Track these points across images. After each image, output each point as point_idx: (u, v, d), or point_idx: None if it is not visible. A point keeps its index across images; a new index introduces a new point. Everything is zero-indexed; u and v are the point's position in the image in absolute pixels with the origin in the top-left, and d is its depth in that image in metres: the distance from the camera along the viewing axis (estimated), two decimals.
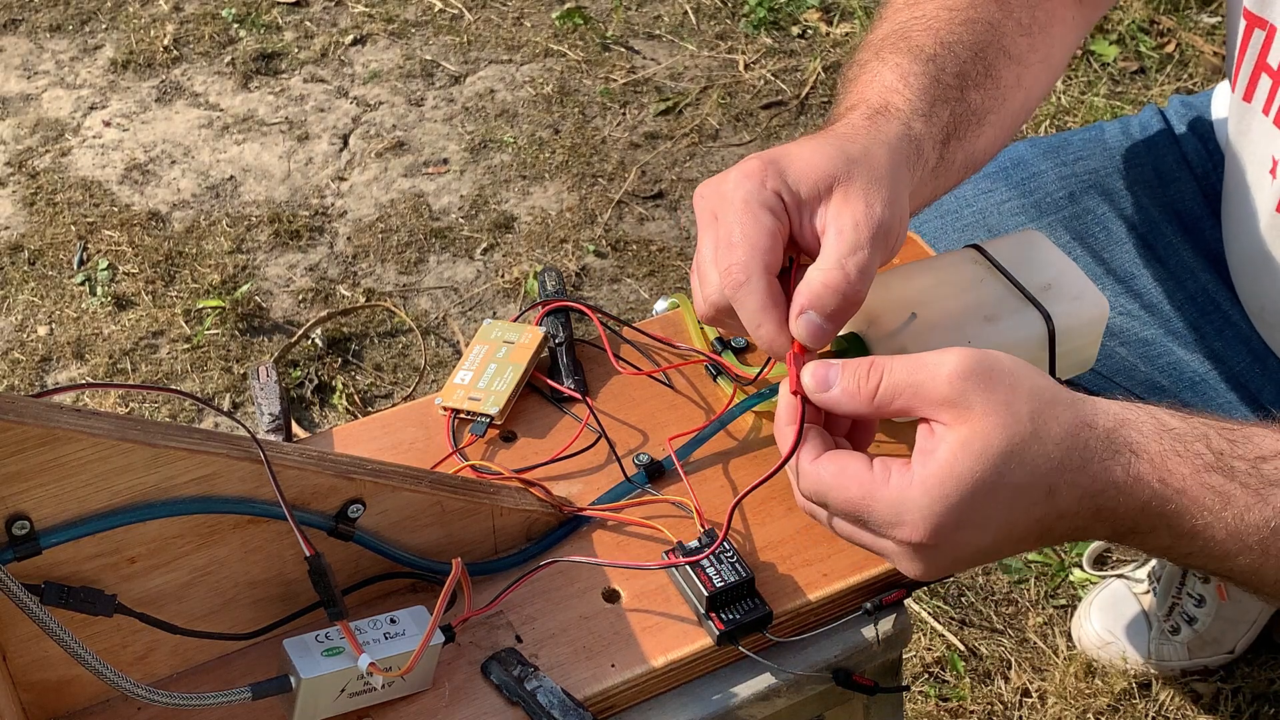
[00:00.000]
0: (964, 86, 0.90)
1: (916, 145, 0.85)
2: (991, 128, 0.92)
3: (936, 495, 0.70)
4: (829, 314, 0.77)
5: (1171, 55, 2.54)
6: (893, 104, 0.86)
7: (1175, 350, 1.17)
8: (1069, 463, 0.70)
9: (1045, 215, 1.21)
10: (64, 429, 0.67)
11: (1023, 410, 0.70)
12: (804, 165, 0.80)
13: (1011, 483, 0.70)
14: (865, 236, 0.78)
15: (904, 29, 0.93)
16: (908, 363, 0.73)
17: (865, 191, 0.79)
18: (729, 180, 0.81)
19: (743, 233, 0.78)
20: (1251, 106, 1.06)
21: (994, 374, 0.71)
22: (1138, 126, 1.26)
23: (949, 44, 0.91)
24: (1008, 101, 0.93)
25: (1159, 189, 1.22)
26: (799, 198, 0.80)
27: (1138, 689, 1.62)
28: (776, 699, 0.81)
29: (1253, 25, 1.05)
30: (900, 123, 0.85)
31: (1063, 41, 1.00)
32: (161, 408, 1.99)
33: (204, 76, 2.57)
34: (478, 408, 0.90)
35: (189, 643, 0.77)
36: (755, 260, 0.78)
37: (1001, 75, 0.93)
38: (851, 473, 0.72)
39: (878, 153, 0.81)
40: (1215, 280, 1.18)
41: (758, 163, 0.80)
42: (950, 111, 0.88)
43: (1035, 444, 0.70)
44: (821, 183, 0.79)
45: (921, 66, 0.89)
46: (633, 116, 2.46)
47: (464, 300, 2.16)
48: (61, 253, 2.24)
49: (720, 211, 0.80)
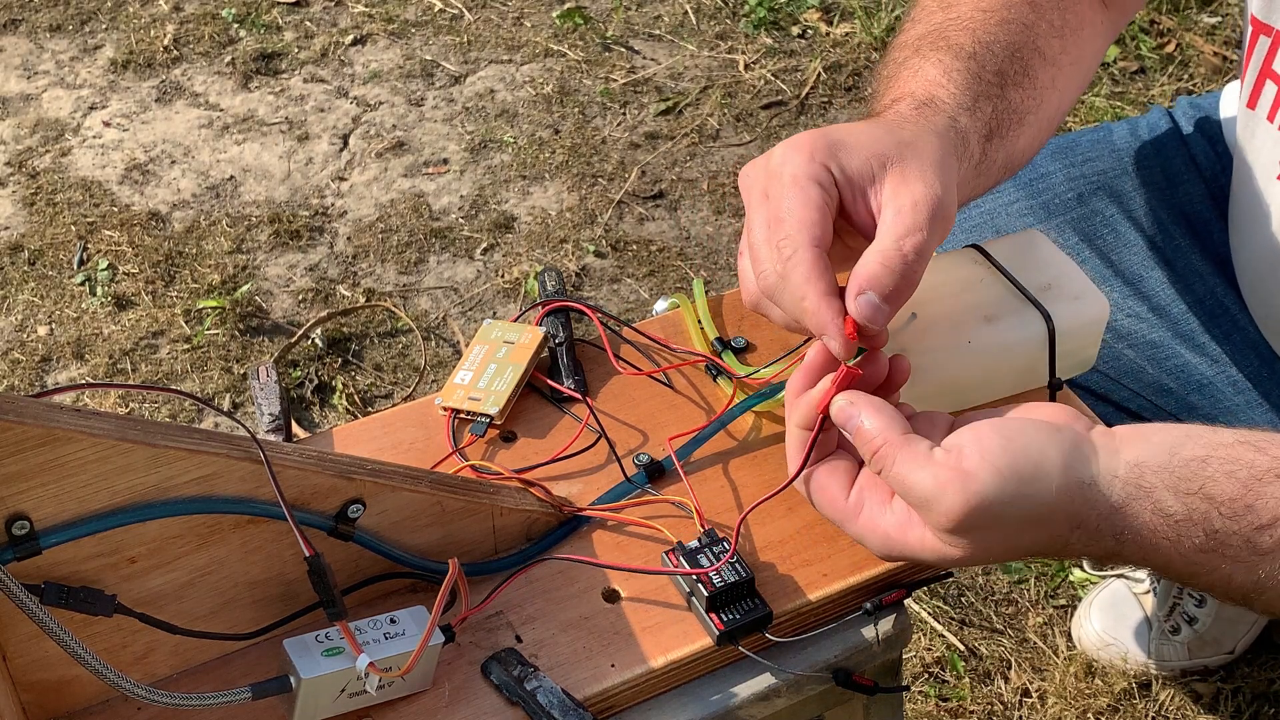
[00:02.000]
0: (1004, 85, 0.89)
1: (963, 138, 0.84)
2: (1030, 128, 0.92)
3: (898, 536, 0.75)
4: (887, 294, 0.76)
5: (1172, 55, 2.54)
6: (938, 97, 0.86)
7: (1183, 353, 1.17)
8: (1053, 549, 0.74)
9: (1054, 216, 1.21)
10: (64, 429, 0.67)
11: (1016, 513, 0.71)
12: (856, 142, 0.79)
13: (991, 538, 0.73)
14: (924, 218, 0.76)
15: (940, 29, 0.92)
16: (914, 468, 0.72)
17: (921, 172, 0.78)
18: (776, 155, 0.79)
19: (790, 208, 0.77)
20: (1256, 113, 1.06)
21: (986, 519, 0.71)
22: (1146, 128, 1.26)
23: (986, 43, 0.91)
24: (1045, 102, 0.93)
25: (1167, 191, 1.22)
26: (849, 174, 0.78)
27: (1138, 689, 1.62)
28: (776, 699, 0.81)
29: (1258, 31, 1.05)
30: (947, 115, 0.84)
31: (1092, 45, 1.00)
32: (161, 408, 1.99)
33: (204, 76, 2.57)
34: (478, 408, 0.90)
35: (189, 643, 0.77)
36: (802, 234, 0.76)
37: (1038, 75, 0.92)
38: (847, 489, 0.77)
39: (929, 140, 0.81)
40: (1223, 283, 1.18)
41: (807, 137, 0.79)
42: (993, 108, 0.88)
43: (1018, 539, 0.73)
44: (875, 160, 0.78)
45: (963, 63, 0.88)
46: (633, 116, 2.46)
47: (464, 300, 2.16)
48: (61, 253, 2.24)
49: (770, 189, 0.79)
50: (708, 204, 2.29)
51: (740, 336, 0.96)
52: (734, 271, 2.18)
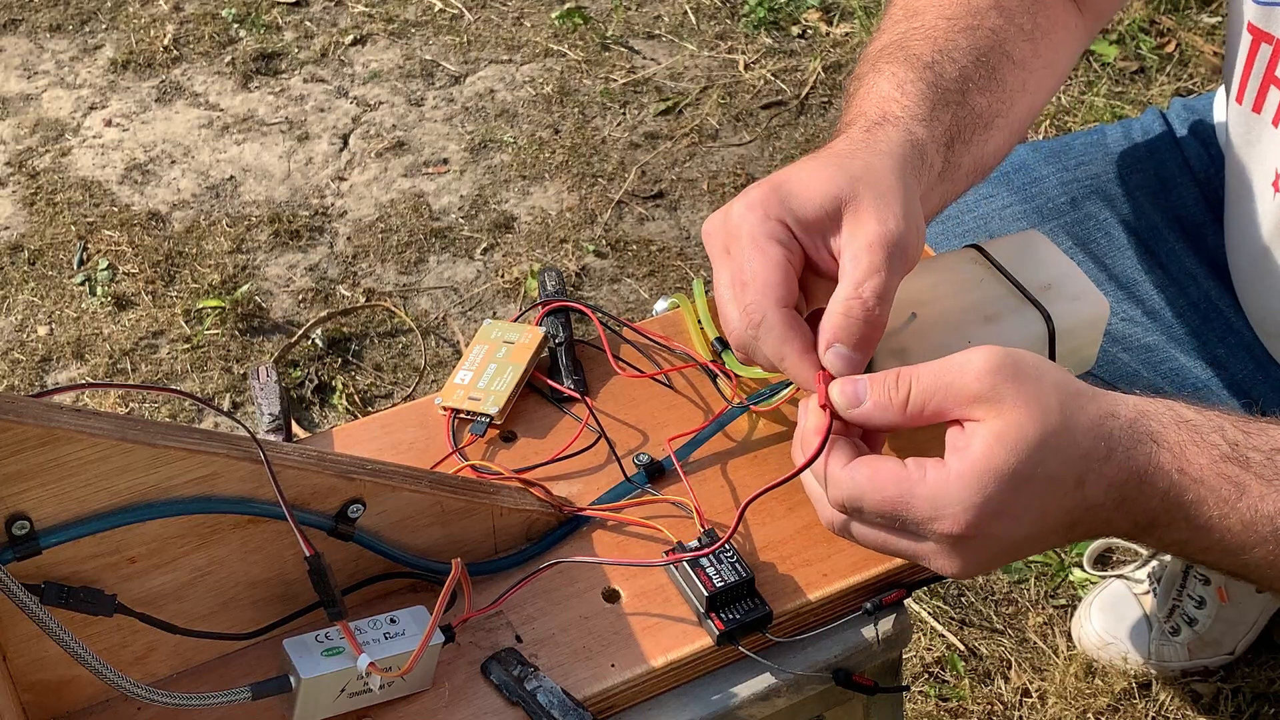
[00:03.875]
0: (966, 90, 0.90)
1: (919, 151, 0.84)
2: (999, 131, 0.92)
3: (975, 487, 0.70)
4: (855, 344, 0.77)
5: (1171, 55, 2.54)
6: (891, 113, 0.86)
7: (1178, 356, 1.17)
8: (1096, 452, 0.71)
9: (1047, 220, 1.21)
10: (64, 429, 0.67)
11: (1052, 402, 0.71)
12: (807, 190, 0.79)
13: (1045, 473, 0.70)
14: (880, 258, 0.77)
15: (901, 39, 0.93)
16: (933, 366, 0.73)
17: (875, 208, 0.78)
18: (733, 214, 0.80)
19: (752, 270, 0.78)
20: (1261, 117, 1.06)
21: (1021, 368, 0.71)
22: (1139, 130, 1.26)
23: (947, 50, 0.91)
24: (1014, 106, 0.93)
25: (1161, 194, 1.22)
26: (805, 224, 0.79)
27: (1138, 689, 1.62)
28: (776, 699, 0.81)
29: (1259, 40, 1.05)
30: (900, 129, 0.84)
31: (1065, 47, 1.00)
32: (161, 408, 1.99)
33: (204, 76, 2.57)
34: (477, 407, 0.90)
35: (189, 643, 0.77)
36: (767, 297, 0.77)
37: (1006, 79, 0.92)
38: (887, 472, 0.72)
39: (880, 165, 0.81)
40: (1217, 286, 1.18)
41: (759, 193, 0.80)
42: (952, 115, 0.88)
43: (1065, 434, 0.70)
44: (827, 204, 0.79)
45: (918, 74, 0.88)
46: (633, 116, 2.46)
47: (464, 300, 2.16)
48: (61, 253, 2.24)
49: (730, 247, 0.80)
50: (707, 204, 2.29)
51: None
52: None
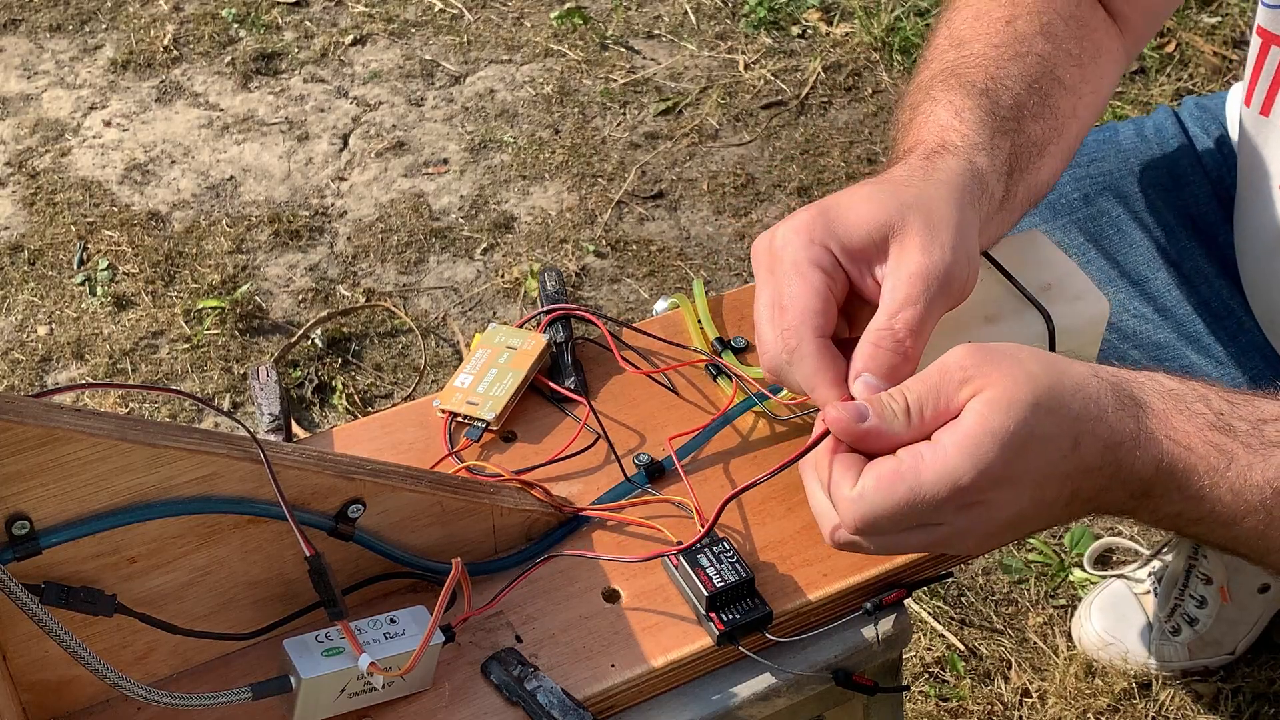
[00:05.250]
0: (1021, 118, 0.88)
1: (981, 180, 0.83)
2: (1052, 159, 0.91)
3: (972, 452, 0.69)
4: (884, 374, 0.76)
5: (1171, 55, 2.54)
6: (951, 141, 0.84)
7: (1188, 354, 1.17)
8: (1087, 413, 0.71)
9: (1059, 216, 1.21)
10: (64, 429, 0.67)
11: (1035, 368, 0.71)
12: (855, 216, 0.78)
13: (1040, 434, 0.70)
14: (918, 290, 0.76)
15: (952, 67, 0.91)
16: (918, 376, 0.73)
17: (923, 240, 0.77)
18: (779, 235, 0.79)
19: (791, 295, 0.77)
20: (1271, 120, 1.06)
21: (995, 348, 0.72)
22: (1152, 128, 1.26)
23: (999, 78, 0.89)
24: (1066, 132, 0.92)
25: (1173, 192, 1.22)
26: (851, 251, 0.78)
27: (1138, 689, 1.62)
28: (776, 699, 0.81)
29: (1269, 42, 1.05)
30: (962, 159, 0.83)
31: (1110, 71, 0.99)
32: (161, 408, 1.99)
33: (204, 76, 2.57)
34: (475, 412, 0.90)
35: (189, 643, 0.77)
36: (805, 324, 0.77)
37: (1059, 105, 0.91)
38: (889, 473, 0.71)
39: (936, 195, 0.80)
40: (1229, 285, 1.18)
41: (806, 216, 0.79)
42: (1011, 144, 0.87)
43: (1054, 396, 0.70)
44: (875, 233, 0.78)
45: (975, 101, 0.87)
46: (633, 116, 2.46)
47: (464, 300, 2.16)
48: (61, 253, 2.24)
49: (774, 268, 0.79)
50: (707, 204, 2.29)
51: (740, 336, 0.97)
52: (734, 271, 2.18)
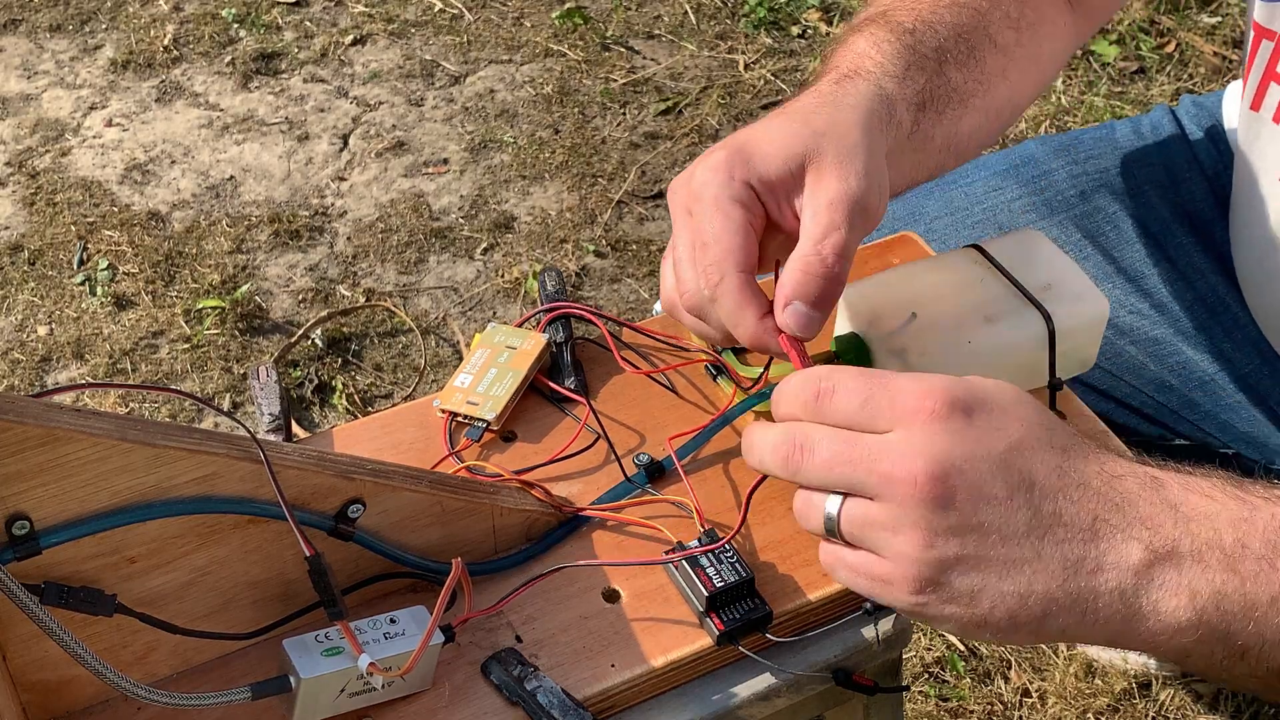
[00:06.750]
0: (943, 61, 0.90)
1: (888, 105, 0.84)
2: (975, 113, 0.92)
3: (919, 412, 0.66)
4: (813, 301, 0.77)
5: (1171, 55, 2.54)
6: (863, 67, 0.86)
7: (1184, 350, 1.17)
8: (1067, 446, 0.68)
9: (1056, 213, 1.21)
10: (64, 429, 0.67)
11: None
12: (771, 149, 0.79)
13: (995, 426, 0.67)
14: (840, 216, 0.77)
15: (886, 10, 0.93)
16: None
17: (838, 166, 0.78)
18: (697, 175, 0.80)
19: (714, 232, 0.78)
20: (1260, 115, 1.06)
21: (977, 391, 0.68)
22: (1149, 126, 1.26)
23: (929, 22, 0.91)
24: (992, 90, 0.93)
25: (1170, 189, 1.22)
26: (769, 183, 0.79)
27: (1138, 689, 1.62)
28: (776, 699, 0.80)
29: (1260, 36, 1.05)
30: (870, 83, 0.84)
31: (1051, 42, 1.00)
32: (161, 408, 1.99)
33: (204, 76, 2.57)
34: (475, 412, 0.90)
35: (189, 643, 0.77)
36: (728, 260, 0.78)
37: (985, 60, 0.93)
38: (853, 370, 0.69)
39: (845, 120, 0.81)
40: (1225, 281, 1.18)
41: (723, 154, 0.80)
42: (926, 80, 0.88)
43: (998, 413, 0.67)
44: (791, 163, 0.79)
45: (897, 36, 0.89)
46: (633, 116, 2.46)
47: (464, 300, 2.16)
48: (61, 253, 2.24)
49: (693, 207, 0.80)
50: None
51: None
52: None
